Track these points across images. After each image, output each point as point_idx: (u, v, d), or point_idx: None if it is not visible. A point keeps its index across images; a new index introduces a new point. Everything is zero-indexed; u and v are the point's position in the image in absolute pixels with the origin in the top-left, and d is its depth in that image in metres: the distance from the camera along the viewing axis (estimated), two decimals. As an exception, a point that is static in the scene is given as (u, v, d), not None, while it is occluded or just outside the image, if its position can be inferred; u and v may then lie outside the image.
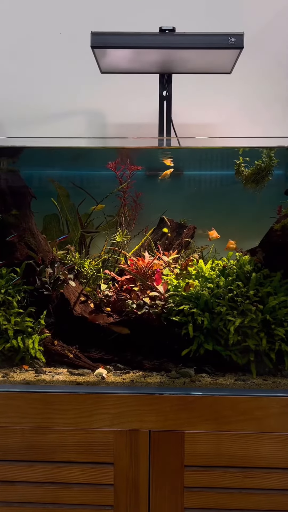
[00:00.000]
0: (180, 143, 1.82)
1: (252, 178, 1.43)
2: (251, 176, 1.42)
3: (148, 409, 1.32)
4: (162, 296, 1.52)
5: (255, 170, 1.42)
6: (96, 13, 2.04)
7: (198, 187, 1.95)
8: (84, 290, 1.60)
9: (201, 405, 1.31)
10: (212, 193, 1.93)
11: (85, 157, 1.89)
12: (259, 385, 1.36)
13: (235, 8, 2.03)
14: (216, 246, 1.81)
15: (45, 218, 1.78)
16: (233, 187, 1.77)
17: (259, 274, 1.44)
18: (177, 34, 1.55)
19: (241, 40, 1.54)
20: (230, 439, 1.31)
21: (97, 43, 1.55)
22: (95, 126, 2.12)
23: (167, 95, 1.82)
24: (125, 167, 1.75)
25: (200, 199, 1.93)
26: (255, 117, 2.05)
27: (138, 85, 2.01)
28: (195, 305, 1.46)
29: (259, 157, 1.53)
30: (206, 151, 1.79)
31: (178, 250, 1.74)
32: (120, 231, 1.76)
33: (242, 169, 1.45)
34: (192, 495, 1.32)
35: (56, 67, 2.07)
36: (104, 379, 1.38)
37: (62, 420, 1.33)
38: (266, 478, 1.31)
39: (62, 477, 1.34)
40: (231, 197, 1.87)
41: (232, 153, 1.64)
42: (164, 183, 1.95)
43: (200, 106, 2.06)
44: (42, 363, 1.46)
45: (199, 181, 1.94)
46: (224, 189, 1.89)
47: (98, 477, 1.33)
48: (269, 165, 1.44)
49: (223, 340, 1.42)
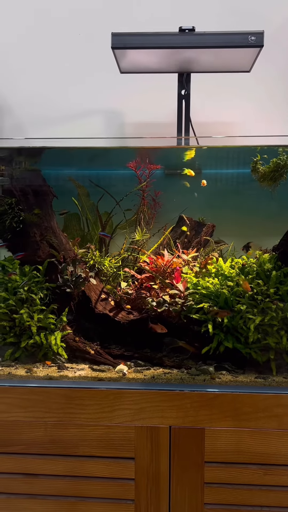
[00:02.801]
0: (199, 142, 1.83)
1: (270, 175, 1.43)
2: (269, 174, 1.42)
3: (168, 405, 1.34)
4: (181, 294, 1.53)
5: (273, 167, 1.42)
6: (115, 14, 2.06)
7: (217, 185, 1.95)
8: (105, 288, 1.63)
9: (221, 402, 1.32)
10: (231, 191, 1.94)
11: (104, 156, 1.91)
12: (280, 383, 1.36)
13: (254, 7, 2.02)
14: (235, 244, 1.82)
15: (66, 217, 1.81)
16: (252, 185, 1.77)
17: (279, 272, 1.44)
18: (196, 33, 1.56)
19: (261, 39, 1.54)
20: (250, 436, 1.32)
21: (118, 43, 1.57)
22: (114, 126, 2.14)
23: (185, 94, 1.83)
24: (144, 166, 1.76)
25: (219, 198, 1.93)
26: (274, 116, 2.05)
27: (156, 84, 2.02)
28: (214, 303, 1.47)
29: (276, 156, 1.53)
30: (224, 150, 1.79)
31: (197, 248, 1.75)
32: (139, 229, 1.77)
33: (259, 166, 1.45)
34: (212, 491, 1.33)
35: (76, 67, 2.10)
36: (125, 375, 1.40)
37: (84, 415, 1.35)
38: (286, 475, 1.31)
39: (84, 471, 1.36)
40: (250, 195, 1.87)
41: (251, 152, 1.64)
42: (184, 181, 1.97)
43: (219, 105, 2.07)
44: (64, 359, 1.49)
45: (218, 180, 1.95)
46: (243, 187, 1.89)
47: (119, 471, 1.35)
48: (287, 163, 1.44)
49: (243, 338, 1.43)
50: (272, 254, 1.52)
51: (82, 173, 1.91)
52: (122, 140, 2.09)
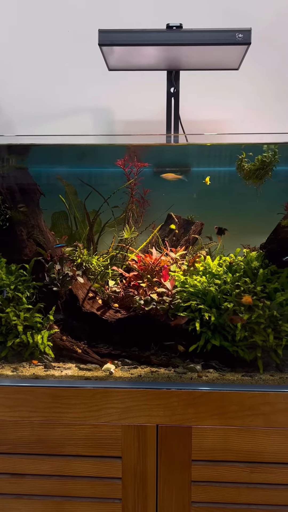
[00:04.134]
0: (188, 139, 1.82)
1: (255, 173, 1.42)
2: (254, 172, 1.42)
3: (155, 404, 1.33)
4: (169, 292, 1.52)
5: (259, 165, 1.42)
6: (104, 10, 2.04)
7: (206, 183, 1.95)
8: (92, 286, 1.62)
9: (208, 400, 1.32)
10: (219, 189, 1.93)
11: (92, 154, 1.90)
12: (266, 380, 1.36)
13: (243, 4, 2.02)
14: (224, 242, 1.82)
15: (54, 215, 1.80)
16: (241, 183, 1.77)
17: (266, 270, 1.44)
18: (184, 30, 1.56)
19: (248, 36, 1.53)
20: (237, 434, 1.32)
21: (105, 40, 1.56)
22: (103, 124, 2.13)
23: (174, 92, 1.83)
24: (132, 164, 1.76)
25: (208, 196, 1.93)
26: (262, 113, 2.05)
27: (145, 82, 2.01)
28: (202, 301, 1.46)
29: (261, 153, 1.53)
30: (213, 148, 1.79)
31: (185, 246, 1.75)
32: (127, 227, 1.77)
33: (244, 164, 1.45)
34: (199, 489, 1.33)
35: (64, 64, 2.08)
36: (112, 374, 1.39)
37: (71, 414, 1.35)
38: (273, 473, 1.32)
39: (71, 470, 1.35)
40: (239, 194, 1.86)
41: (239, 150, 1.64)
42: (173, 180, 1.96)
43: (208, 103, 2.06)
44: (51, 358, 1.48)
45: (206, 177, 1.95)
46: (232, 185, 1.89)
47: (106, 470, 1.35)
48: (273, 160, 1.44)
49: (230, 336, 1.42)
50: (260, 252, 1.52)
51: (70, 171, 1.90)
52: (110, 137, 2.08)
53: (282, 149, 1.73)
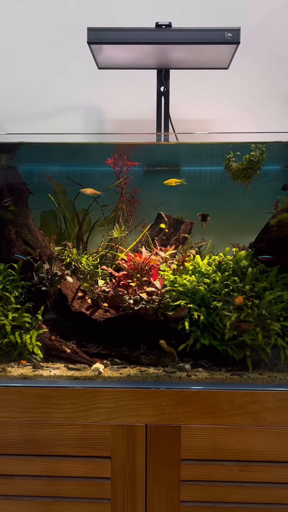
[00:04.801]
0: (178, 138, 1.82)
1: (243, 172, 1.42)
2: (242, 171, 1.42)
3: (145, 403, 1.33)
4: (159, 291, 1.52)
5: (246, 164, 1.42)
6: (94, 9, 2.03)
7: (196, 182, 1.95)
8: (82, 285, 1.61)
9: (197, 399, 1.32)
10: (210, 188, 1.93)
11: (82, 153, 1.89)
12: (255, 379, 1.36)
13: (233, 4, 2.02)
14: (213, 241, 1.82)
15: (43, 214, 1.79)
16: (231, 182, 1.77)
17: (255, 269, 1.45)
18: (173, 29, 1.55)
19: (237, 35, 1.53)
20: (226, 433, 1.32)
21: (94, 38, 1.55)
22: (93, 122, 2.12)
23: (164, 91, 1.82)
24: (122, 163, 1.75)
25: (198, 195, 1.93)
26: (252, 113, 2.05)
27: (136, 80, 2.00)
28: (191, 300, 1.46)
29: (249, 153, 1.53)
30: (203, 147, 1.79)
31: (175, 245, 1.75)
32: (117, 226, 1.76)
33: (232, 163, 1.45)
34: (188, 488, 1.33)
35: (54, 62, 2.07)
36: (101, 374, 1.39)
37: (60, 415, 1.34)
38: (261, 472, 1.32)
39: (60, 470, 1.35)
40: (229, 192, 1.87)
41: (229, 149, 1.64)
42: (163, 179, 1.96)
43: (198, 102, 2.06)
44: (40, 358, 1.47)
45: (196, 177, 1.95)
46: (222, 184, 1.89)
47: (96, 470, 1.34)
48: (260, 159, 1.44)
49: (219, 335, 1.42)
50: (249, 251, 1.52)
51: (59, 170, 1.89)
52: (100, 136, 2.07)
53: (271, 148, 1.74)
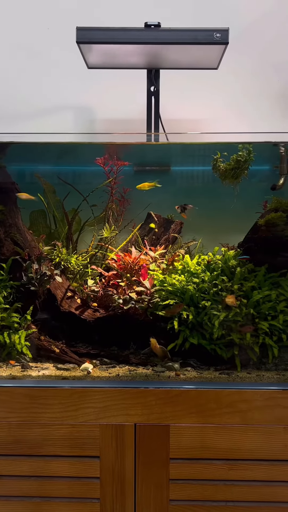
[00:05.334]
0: (168, 138, 1.83)
1: (231, 173, 1.43)
2: (230, 171, 1.43)
3: (133, 402, 1.33)
4: (148, 291, 1.53)
5: (234, 164, 1.43)
6: (85, 8, 2.03)
7: (186, 182, 1.96)
8: (71, 285, 1.61)
9: (185, 399, 1.33)
10: (200, 188, 1.94)
11: (72, 152, 1.89)
12: (243, 378, 1.37)
13: (224, 5, 2.03)
14: (203, 241, 1.82)
15: (32, 214, 1.78)
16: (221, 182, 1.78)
17: (243, 268, 1.45)
18: (162, 29, 1.55)
19: (226, 36, 1.54)
20: (214, 432, 1.33)
21: (83, 38, 1.55)
22: (83, 122, 2.12)
23: (155, 91, 1.82)
24: (112, 162, 1.75)
25: (188, 195, 1.94)
26: (242, 113, 2.06)
27: (126, 80, 2.00)
28: (180, 300, 1.47)
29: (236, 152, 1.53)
30: (193, 147, 1.80)
31: (165, 245, 1.75)
32: (107, 226, 1.76)
33: (220, 164, 1.46)
34: (177, 487, 1.33)
35: (44, 62, 2.07)
36: (90, 374, 1.39)
37: (48, 415, 1.34)
38: (250, 470, 1.33)
39: (49, 470, 1.35)
40: (219, 192, 1.87)
41: (219, 149, 1.65)
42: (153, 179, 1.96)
43: (188, 102, 2.06)
44: (29, 358, 1.47)
45: (187, 177, 1.95)
46: (213, 184, 1.90)
47: (84, 470, 1.34)
48: (248, 159, 1.45)
49: (208, 334, 1.43)
50: (237, 251, 1.53)
51: (49, 169, 1.88)
52: (91, 135, 2.07)
53: (261, 149, 1.75)
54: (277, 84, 2.06)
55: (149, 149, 1.88)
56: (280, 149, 1.75)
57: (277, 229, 1.39)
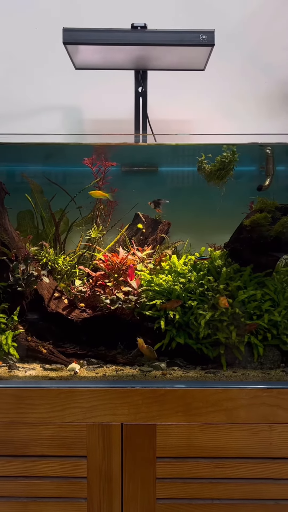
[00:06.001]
0: (156, 139, 1.84)
1: (217, 174, 1.44)
2: (215, 172, 1.44)
3: (120, 402, 1.34)
4: (135, 291, 1.53)
5: (219, 165, 1.44)
6: (73, 8, 2.03)
7: (174, 183, 1.97)
8: (58, 286, 1.61)
9: (172, 398, 1.34)
10: (187, 188, 1.95)
11: (60, 153, 1.89)
12: (229, 377, 1.38)
13: (211, 6, 2.04)
14: (191, 241, 1.84)
15: (19, 214, 1.78)
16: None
17: (229, 268, 1.47)
18: (148, 30, 1.56)
19: (212, 38, 1.55)
20: (201, 431, 1.34)
21: (69, 39, 1.55)
22: (72, 122, 2.12)
23: (142, 91, 1.83)
24: (100, 163, 1.76)
25: (176, 195, 1.95)
26: (230, 114, 2.08)
27: (114, 81, 2.01)
28: (167, 300, 1.48)
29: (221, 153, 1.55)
30: (181, 148, 1.81)
31: (153, 245, 1.76)
32: (95, 227, 1.77)
33: (205, 166, 1.47)
34: (164, 486, 1.34)
35: (32, 62, 2.07)
36: (77, 374, 1.39)
37: (35, 415, 1.34)
38: (235, 468, 1.34)
39: (36, 471, 1.35)
40: (207, 193, 1.89)
41: (207, 149, 1.66)
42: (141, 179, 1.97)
43: (176, 103, 2.08)
44: (16, 359, 1.47)
45: (174, 177, 1.97)
46: (200, 184, 1.91)
47: (72, 470, 1.35)
48: (232, 160, 1.46)
49: (195, 333, 1.44)
50: (223, 251, 1.54)
51: (37, 169, 1.88)
52: (78, 136, 2.07)
53: (249, 149, 1.76)
54: (264, 85, 2.09)
55: (136, 149, 1.89)
56: (266, 150, 1.77)
57: (262, 230, 1.40)
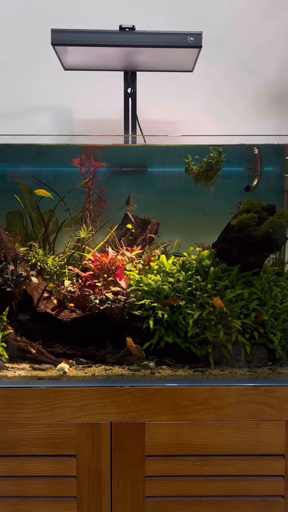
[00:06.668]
0: (146, 140, 1.85)
1: (204, 175, 1.46)
2: (203, 173, 1.46)
3: (109, 401, 1.35)
4: (124, 291, 1.54)
5: (206, 166, 1.46)
6: (63, 9, 2.04)
7: (163, 183, 1.98)
8: (48, 286, 1.62)
9: (160, 396, 1.35)
10: (177, 189, 1.97)
11: (50, 153, 1.89)
12: (217, 375, 1.40)
13: (201, 7, 2.05)
14: (180, 241, 1.85)
15: (8, 215, 1.79)
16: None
17: (217, 268, 1.48)
18: (136, 32, 1.57)
19: (199, 39, 1.57)
20: (189, 429, 1.35)
21: (58, 40, 1.56)
22: (62, 123, 2.12)
23: (131, 92, 1.84)
24: (89, 163, 1.76)
25: (165, 196, 1.96)
26: (218, 115, 2.09)
27: (104, 81, 2.01)
28: (156, 299, 1.49)
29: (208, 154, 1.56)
30: (170, 149, 1.82)
31: (142, 245, 1.77)
32: (84, 227, 1.77)
33: (192, 167, 1.48)
34: (153, 484, 1.36)
35: (21, 63, 2.07)
36: (66, 374, 1.40)
37: (24, 415, 1.34)
38: (224, 465, 1.36)
39: (25, 470, 1.35)
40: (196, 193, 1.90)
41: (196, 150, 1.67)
42: (130, 180, 1.98)
43: (165, 104, 2.09)
44: (5, 359, 1.47)
45: (163, 178, 1.98)
46: (189, 184, 1.93)
47: (61, 469, 1.35)
48: (219, 160, 1.48)
49: (183, 332, 1.45)
50: (211, 251, 1.56)
51: (26, 170, 1.88)
52: (69, 137, 2.07)
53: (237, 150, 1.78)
54: (252, 86, 2.11)
55: (126, 150, 1.90)
56: (254, 150, 1.79)
57: (249, 230, 1.42)
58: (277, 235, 1.42)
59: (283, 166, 1.89)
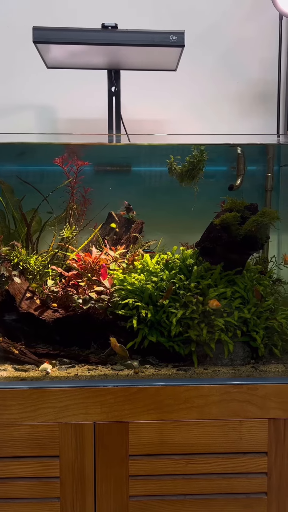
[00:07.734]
0: (130, 139, 1.84)
1: (187, 174, 1.46)
2: (186, 173, 1.46)
3: (92, 401, 1.34)
4: (108, 290, 1.54)
5: (189, 165, 1.46)
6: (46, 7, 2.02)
7: (148, 182, 1.98)
8: (30, 286, 1.60)
9: (144, 396, 1.35)
10: (161, 188, 1.97)
11: (33, 152, 1.88)
12: (200, 374, 1.40)
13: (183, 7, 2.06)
14: (165, 240, 1.85)
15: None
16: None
17: (200, 267, 1.48)
18: (119, 31, 1.57)
19: (182, 39, 1.57)
20: (172, 428, 1.35)
21: (39, 38, 1.55)
22: (45, 122, 2.11)
23: (115, 91, 1.84)
24: (72, 162, 1.75)
25: (149, 195, 1.96)
26: (201, 114, 2.10)
27: (87, 80, 2.01)
28: (139, 299, 1.48)
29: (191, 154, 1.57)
30: (154, 148, 1.82)
31: (126, 245, 1.76)
32: (68, 226, 1.76)
33: (175, 167, 1.48)
34: (136, 483, 1.35)
35: (3, 61, 2.05)
36: (49, 374, 1.39)
37: (6, 416, 1.33)
38: (207, 463, 1.36)
39: (8, 472, 1.34)
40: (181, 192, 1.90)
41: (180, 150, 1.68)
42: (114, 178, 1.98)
43: (149, 103, 2.09)
44: (-13, 360, 1.46)
45: (147, 177, 1.98)
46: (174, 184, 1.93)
47: (44, 470, 1.35)
48: (201, 159, 1.48)
49: (166, 331, 1.45)
50: (195, 250, 1.56)
51: (8, 169, 1.87)
52: (52, 136, 2.06)
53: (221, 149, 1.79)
54: (235, 86, 2.12)
55: (109, 149, 1.89)
56: (237, 150, 1.80)
57: (231, 229, 1.42)
58: (259, 233, 1.43)
59: (266, 165, 1.90)
